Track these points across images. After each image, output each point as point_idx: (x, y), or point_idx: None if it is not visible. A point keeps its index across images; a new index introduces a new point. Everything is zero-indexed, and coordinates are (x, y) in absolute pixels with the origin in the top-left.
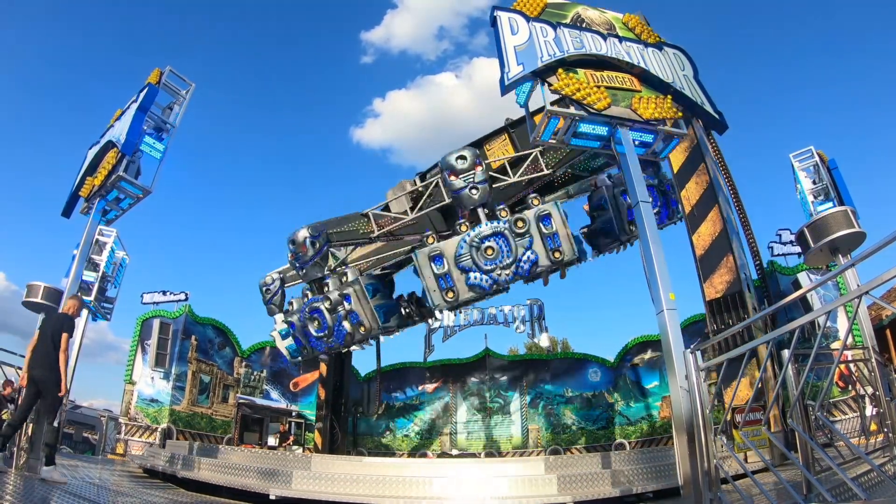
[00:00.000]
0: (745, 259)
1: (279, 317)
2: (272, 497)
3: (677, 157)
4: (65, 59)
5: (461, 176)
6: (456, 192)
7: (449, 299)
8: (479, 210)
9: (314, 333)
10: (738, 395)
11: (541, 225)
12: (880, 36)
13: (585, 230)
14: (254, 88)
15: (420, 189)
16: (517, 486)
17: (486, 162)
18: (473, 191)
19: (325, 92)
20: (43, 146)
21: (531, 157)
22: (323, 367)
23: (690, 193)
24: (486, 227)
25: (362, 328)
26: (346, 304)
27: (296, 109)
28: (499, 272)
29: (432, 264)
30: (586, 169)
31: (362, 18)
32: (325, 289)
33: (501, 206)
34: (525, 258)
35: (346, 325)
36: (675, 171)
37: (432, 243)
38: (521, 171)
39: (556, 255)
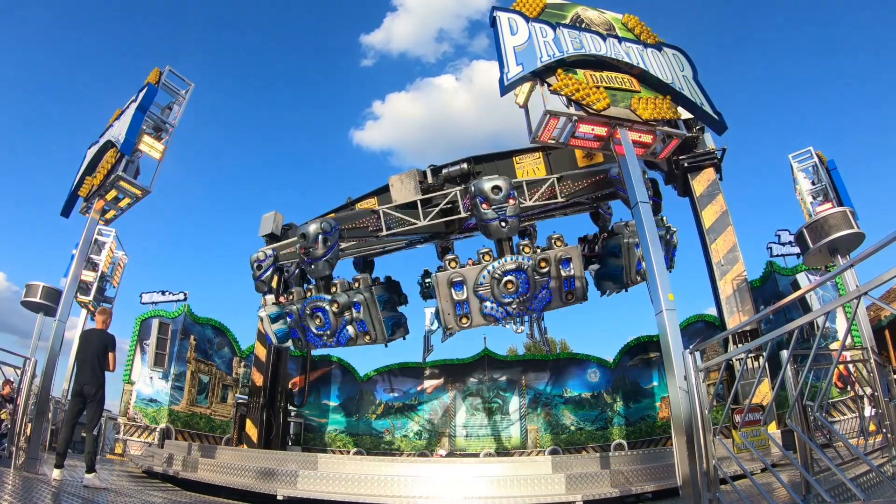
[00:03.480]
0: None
1: (269, 297)
2: (279, 497)
3: (709, 217)
4: (64, 59)
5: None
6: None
7: (462, 324)
8: (504, 242)
9: (314, 330)
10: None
11: (560, 268)
12: (880, 35)
13: (593, 271)
14: (253, 90)
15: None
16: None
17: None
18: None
19: (325, 94)
20: (42, 146)
21: (548, 182)
22: (261, 351)
23: (719, 247)
24: (510, 262)
25: (367, 337)
26: (354, 310)
27: (295, 111)
28: (514, 306)
29: (452, 289)
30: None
31: (362, 21)
32: (333, 290)
33: (525, 241)
34: (541, 297)
35: (350, 329)
36: (707, 228)
37: (454, 268)
38: (536, 195)
39: (569, 297)
